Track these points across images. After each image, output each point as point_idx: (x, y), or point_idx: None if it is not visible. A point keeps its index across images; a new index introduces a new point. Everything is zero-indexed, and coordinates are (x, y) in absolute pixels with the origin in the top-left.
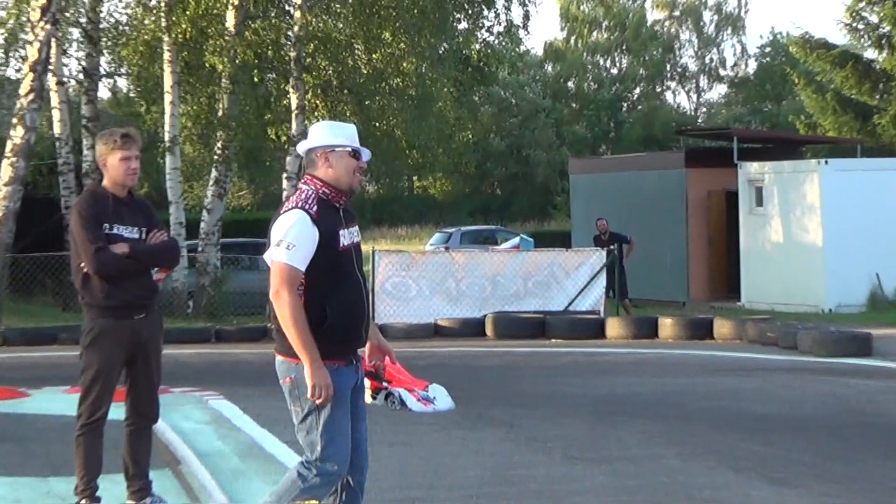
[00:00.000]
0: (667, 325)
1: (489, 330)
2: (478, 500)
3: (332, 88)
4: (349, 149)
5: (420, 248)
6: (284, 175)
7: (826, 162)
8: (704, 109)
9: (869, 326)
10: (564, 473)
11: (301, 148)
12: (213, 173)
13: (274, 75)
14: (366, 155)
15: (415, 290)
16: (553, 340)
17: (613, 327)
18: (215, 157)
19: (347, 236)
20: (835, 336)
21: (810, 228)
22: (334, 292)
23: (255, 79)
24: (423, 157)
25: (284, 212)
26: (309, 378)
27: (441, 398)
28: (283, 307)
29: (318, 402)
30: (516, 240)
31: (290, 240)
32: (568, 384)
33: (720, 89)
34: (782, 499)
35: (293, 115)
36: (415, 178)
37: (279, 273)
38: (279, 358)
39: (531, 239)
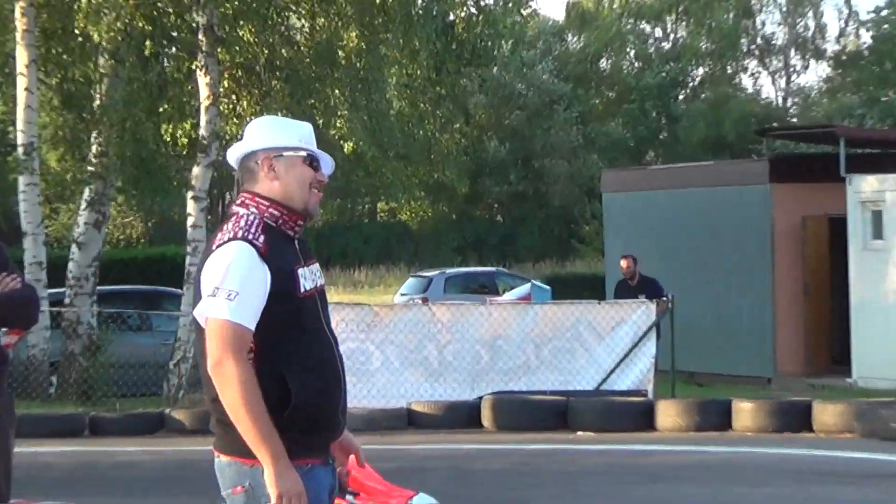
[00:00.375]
0: (744, 412)
1: (487, 418)
2: None
3: (256, 71)
4: (303, 153)
5: (387, 300)
6: (190, 195)
7: None
8: (797, 99)
9: None
10: None
11: (233, 155)
12: (87, 192)
13: (174, 50)
14: (327, 165)
15: (379, 359)
16: (579, 434)
17: (667, 414)
18: (89, 168)
19: (309, 278)
20: None
21: None
22: (297, 358)
23: (147, 53)
24: (379, 172)
25: (218, 246)
26: (272, 483)
27: None
28: (230, 384)
29: None
30: (526, 287)
31: (232, 286)
32: (601, 496)
33: (820, 70)
34: None
35: (202, 108)
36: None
37: (220, 334)
38: (223, 459)
39: (547, 287)
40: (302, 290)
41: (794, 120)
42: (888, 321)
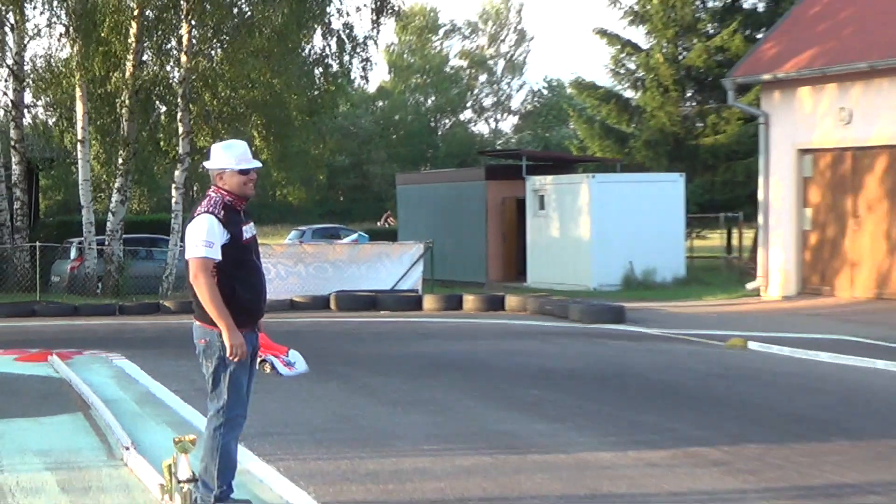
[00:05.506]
0: (469, 301)
1: (333, 304)
2: (322, 434)
3: (211, 116)
4: (236, 170)
5: (280, 242)
6: (174, 185)
7: (593, 176)
8: (503, 135)
9: (622, 301)
10: (388, 413)
11: (207, 165)
12: (117, 183)
13: (164, 108)
14: (252, 163)
15: (274, 272)
16: (382, 313)
17: (429, 302)
18: (118, 170)
19: (248, 231)
20: (596, 308)
21: (581, 227)
22: (240, 274)
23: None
24: (280, 172)
25: (198, 215)
26: (227, 340)
27: (299, 362)
28: (202, 288)
29: (234, 360)
30: (355, 235)
31: (206, 238)
32: (393, 346)
33: (512, 120)
34: (554, 430)
35: (180, 139)
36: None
37: (197, 263)
38: (197, 324)
39: (366, 235)
40: (244, 238)
41: (498, 146)
42: (546, 253)
